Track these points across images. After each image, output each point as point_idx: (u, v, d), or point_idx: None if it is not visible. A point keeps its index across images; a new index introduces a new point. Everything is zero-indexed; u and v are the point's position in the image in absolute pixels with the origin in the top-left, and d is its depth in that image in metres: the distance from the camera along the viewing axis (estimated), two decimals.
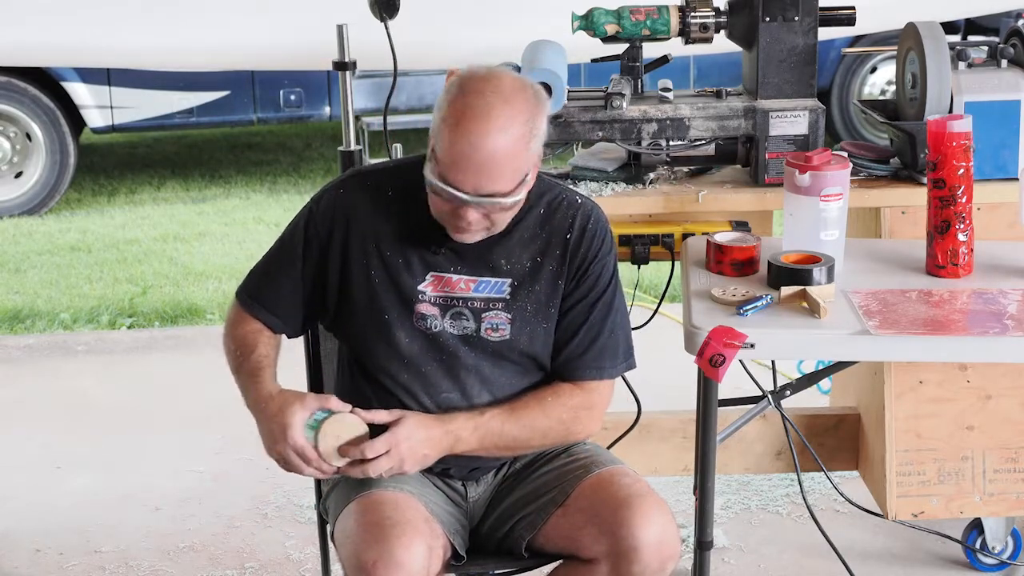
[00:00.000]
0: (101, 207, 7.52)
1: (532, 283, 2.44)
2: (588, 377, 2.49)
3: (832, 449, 3.39)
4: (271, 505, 3.86)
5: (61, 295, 5.87)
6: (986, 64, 3.16)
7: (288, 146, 8.85)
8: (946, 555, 3.44)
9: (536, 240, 2.45)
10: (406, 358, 2.43)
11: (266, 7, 4.09)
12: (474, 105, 2.25)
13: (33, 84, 7.26)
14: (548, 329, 2.46)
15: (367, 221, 2.44)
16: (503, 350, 2.45)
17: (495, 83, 2.28)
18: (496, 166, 2.26)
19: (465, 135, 2.25)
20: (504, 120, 2.26)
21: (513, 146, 2.27)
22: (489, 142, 2.25)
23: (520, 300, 2.44)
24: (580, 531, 2.40)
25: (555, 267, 2.45)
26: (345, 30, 3.27)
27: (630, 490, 2.39)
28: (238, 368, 2.48)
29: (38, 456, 4.23)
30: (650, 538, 2.32)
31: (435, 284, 2.43)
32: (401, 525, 2.29)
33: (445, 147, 2.27)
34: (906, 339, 2.44)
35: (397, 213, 2.44)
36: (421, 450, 2.38)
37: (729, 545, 3.55)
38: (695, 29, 3.15)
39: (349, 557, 2.31)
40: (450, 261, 2.43)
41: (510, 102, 2.27)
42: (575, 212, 2.47)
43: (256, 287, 2.52)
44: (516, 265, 2.44)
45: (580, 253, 2.45)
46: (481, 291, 2.44)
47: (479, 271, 2.43)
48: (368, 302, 2.44)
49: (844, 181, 2.72)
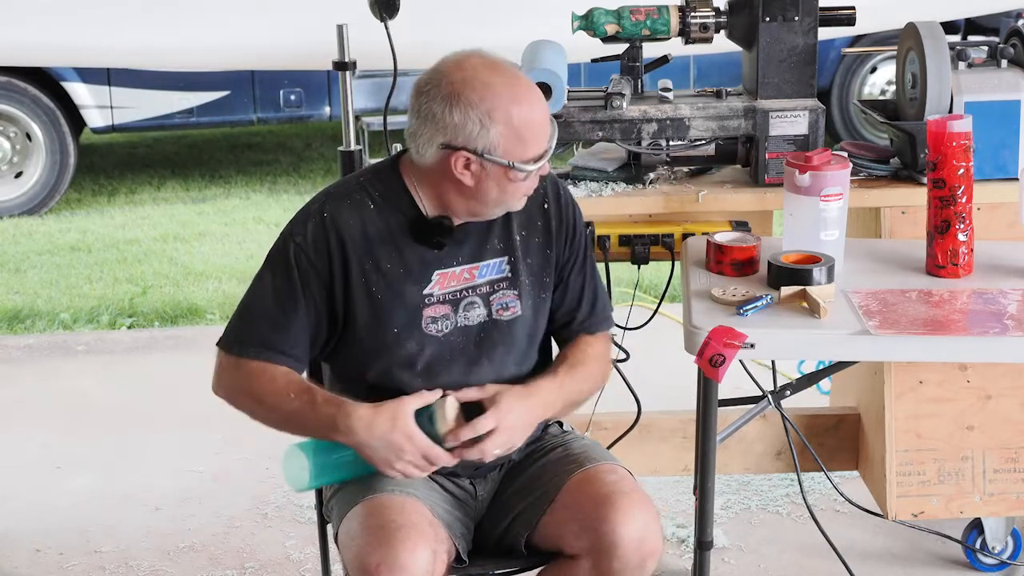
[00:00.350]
0: (101, 207, 7.52)
1: (525, 256, 2.49)
2: (604, 329, 2.60)
3: (832, 449, 3.39)
4: (271, 505, 3.86)
5: (61, 295, 5.87)
6: (986, 64, 3.16)
7: (288, 146, 8.85)
8: (946, 555, 3.44)
9: (517, 216, 2.49)
10: (417, 365, 2.42)
11: (266, 7, 4.09)
12: (502, 82, 2.32)
13: (33, 84, 7.26)
14: (545, 300, 2.52)
15: (361, 239, 2.40)
16: (514, 331, 2.47)
17: (482, 65, 2.34)
18: (548, 115, 2.39)
19: (522, 107, 2.32)
20: (524, 78, 2.37)
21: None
22: (540, 101, 2.36)
23: (520, 275, 2.48)
24: (565, 527, 2.42)
25: (540, 238, 2.51)
26: (345, 30, 3.27)
27: (613, 487, 2.40)
28: (289, 413, 2.37)
29: (38, 456, 4.23)
30: (630, 534, 2.34)
31: (442, 282, 2.44)
32: (406, 529, 2.29)
33: (522, 132, 2.32)
34: (906, 339, 2.44)
35: (384, 222, 2.42)
36: (526, 419, 2.40)
37: (729, 545, 3.55)
38: (695, 29, 3.15)
39: (353, 560, 2.31)
40: (451, 255, 2.44)
41: (501, 64, 2.36)
42: (544, 186, 2.51)
43: (261, 335, 2.39)
44: (507, 242, 2.48)
45: (563, 219, 2.54)
46: (484, 275, 2.46)
47: (478, 256, 2.46)
48: (373, 321, 2.41)
49: (844, 181, 2.72)
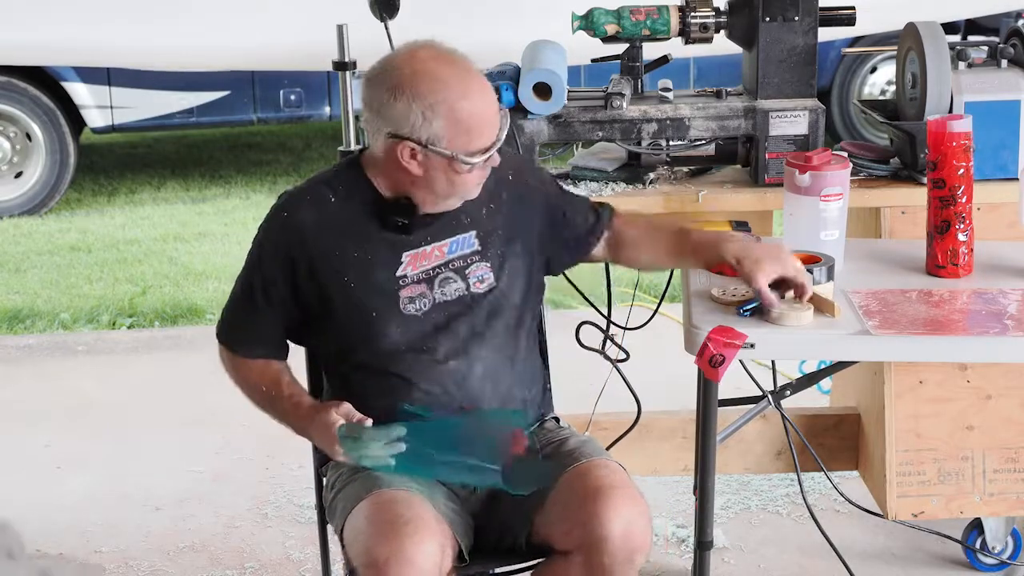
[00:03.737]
0: (101, 207, 7.52)
1: (493, 227, 2.53)
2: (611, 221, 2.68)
3: (832, 449, 3.39)
4: (271, 505, 3.86)
5: (61, 295, 5.87)
6: (986, 64, 3.16)
7: (288, 146, 8.85)
8: (946, 555, 3.44)
9: (483, 191, 2.50)
10: (402, 348, 2.45)
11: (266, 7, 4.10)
12: (451, 80, 2.35)
13: (33, 84, 7.25)
14: (520, 268, 2.54)
15: (322, 233, 2.46)
16: (497, 301, 2.51)
17: (430, 57, 2.37)
18: (497, 108, 2.40)
19: (474, 101, 2.35)
20: (469, 68, 2.38)
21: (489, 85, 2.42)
22: (487, 93, 2.38)
23: (491, 247, 2.52)
24: (557, 524, 2.42)
25: (508, 208, 2.55)
26: (345, 30, 3.27)
27: (603, 481, 2.40)
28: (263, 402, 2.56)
29: (38, 456, 4.23)
30: (618, 529, 2.34)
31: (413, 262, 2.47)
32: (414, 523, 2.30)
33: (456, 123, 2.35)
34: (906, 339, 2.44)
35: (348, 213, 2.47)
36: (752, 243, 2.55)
37: (729, 545, 3.55)
38: (695, 29, 3.15)
39: (360, 555, 2.31)
40: (419, 236, 2.47)
41: (450, 55, 2.39)
42: (506, 159, 2.55)
43: (240, 330, 2.56)
44: (475, 215, 2.52)
45: (528, 185, 2.60)
46: (455, 251, 2.50)
47: (446, 233, 2.49)
48: (351, 308, 2.46)
49: (844, 181, 2.73)
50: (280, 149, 8.78)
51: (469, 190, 2.45)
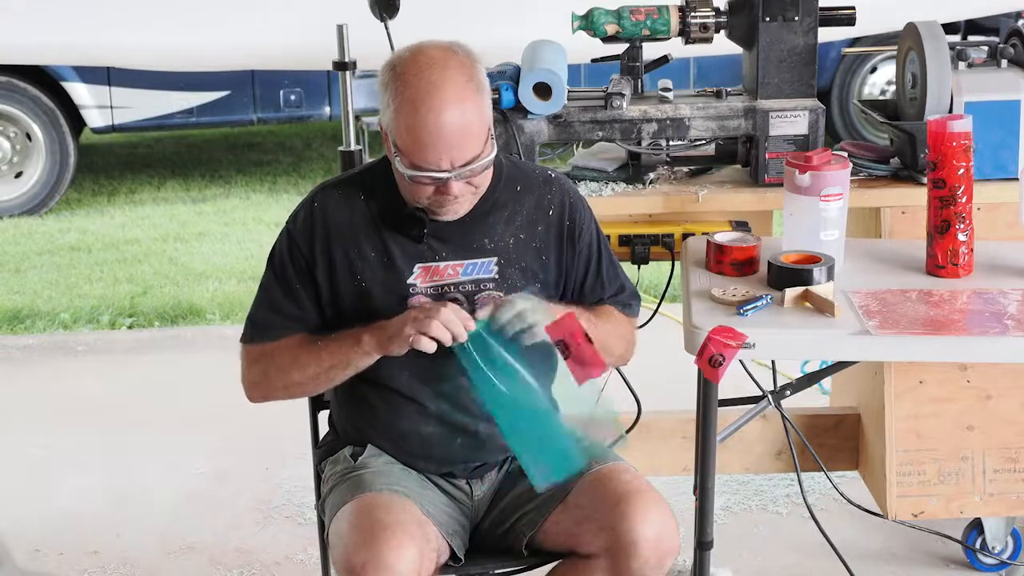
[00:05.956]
0: (101, 207, 7.52)
1: (518, 259, 2.47)
2: (629, 312, 2.61)
3: (832, 449, 3.39)
4: (271, 505, 3.86)
5: (61, 295, 5.87)
6: (986, 64, 3.17)
7: (288, 146, 8.84)
8: (946, 555, 3.44)
9: (516, 217, 2.48)
10: (406, 358, 2.43)
11: (266, 7, 4.10)
12: (420, 86, 2.29)
13: (33, 84, 7.25)
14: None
15: (346, 227, 2.45)
16: None
17: (426, 59, 2.31)
18: (465, 134, 2.31)
19: (425, 117, 2.28)
20: (452, 88, 2.29)
21: (470, 107, 2.31)
22: (449, 114, 2.28)
23: (509, 278, 2.46)
24: (579, 527, 2.41)
25: (538, 243, 2.49)
26: (345, 30, 3.27)
27: (629, 486, 2.40)
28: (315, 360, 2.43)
29: (38, 456, 4.23)
30: (649, 533, 2.34)
31: (424, 275, 2.44)
32: (392, 528, 2.29)
33: (410, 136, 2.30)
34: (906, 339, 2.44)
35: (373, 213, 2.46)
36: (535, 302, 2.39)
37: (729, 545, 3.55)
38: (695, 29, 3.15)
39: (339, 560, 2.32)
40: (434, 250, 2.45)
41: (448, 67, 2.31)
42: (550, 188, 2.50)
43: (270, 316, 2.49)
44: (499, 243, 2.47)
45: (565, 222, 2.50)
46: (469, 273, 2.46)
47: (464, 254, 2.46)
48: (360, 308, 2.44)
49: (844, 181, 2.73)
50: (280, 149, 8.78)
51: (421, 202, 2.38)
